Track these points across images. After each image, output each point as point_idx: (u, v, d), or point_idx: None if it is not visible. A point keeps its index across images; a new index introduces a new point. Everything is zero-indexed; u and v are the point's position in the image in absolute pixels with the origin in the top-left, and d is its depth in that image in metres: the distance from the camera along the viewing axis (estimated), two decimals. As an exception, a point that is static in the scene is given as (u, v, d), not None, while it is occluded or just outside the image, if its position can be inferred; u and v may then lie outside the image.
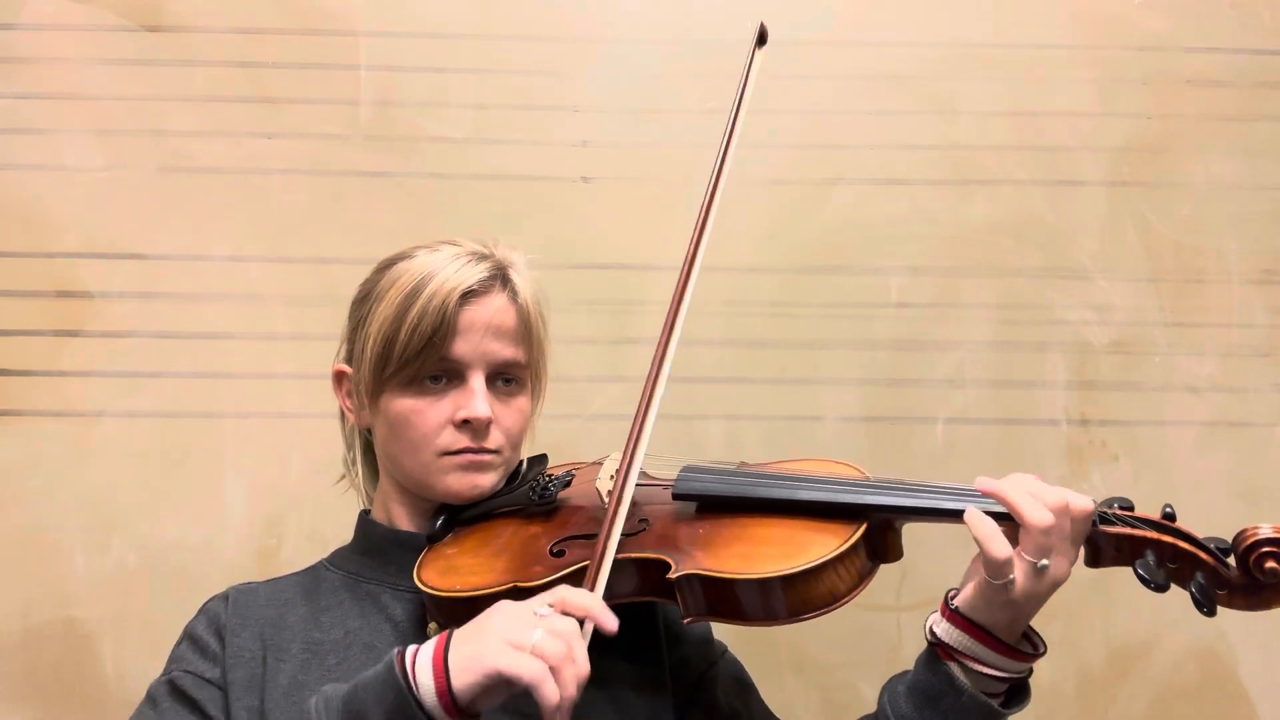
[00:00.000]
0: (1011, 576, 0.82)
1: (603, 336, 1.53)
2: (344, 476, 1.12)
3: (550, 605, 0.78)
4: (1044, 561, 0.81)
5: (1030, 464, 1.55)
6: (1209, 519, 1.50)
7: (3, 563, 1.47)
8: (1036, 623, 0.87)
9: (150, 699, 0.97)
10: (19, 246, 1.52)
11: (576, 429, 1.50)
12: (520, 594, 0.89)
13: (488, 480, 1.01)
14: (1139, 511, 0.85)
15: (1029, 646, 0.87)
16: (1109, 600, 1.51)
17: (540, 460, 1.08)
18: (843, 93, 1.59)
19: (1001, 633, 0.84)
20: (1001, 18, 1.61)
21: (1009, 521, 0.83)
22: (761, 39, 1.08)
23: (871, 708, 0.94)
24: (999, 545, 0.82)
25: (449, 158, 1.56)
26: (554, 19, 1.58)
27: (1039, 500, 0.82)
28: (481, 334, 0.99)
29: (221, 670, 0.96)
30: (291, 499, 1.50)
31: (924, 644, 0.89)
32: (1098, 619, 1.52)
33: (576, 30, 1.58)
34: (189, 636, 1.00)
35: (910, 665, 0.90)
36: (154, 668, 1.01)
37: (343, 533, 1.10)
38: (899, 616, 1.51)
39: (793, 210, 1.57)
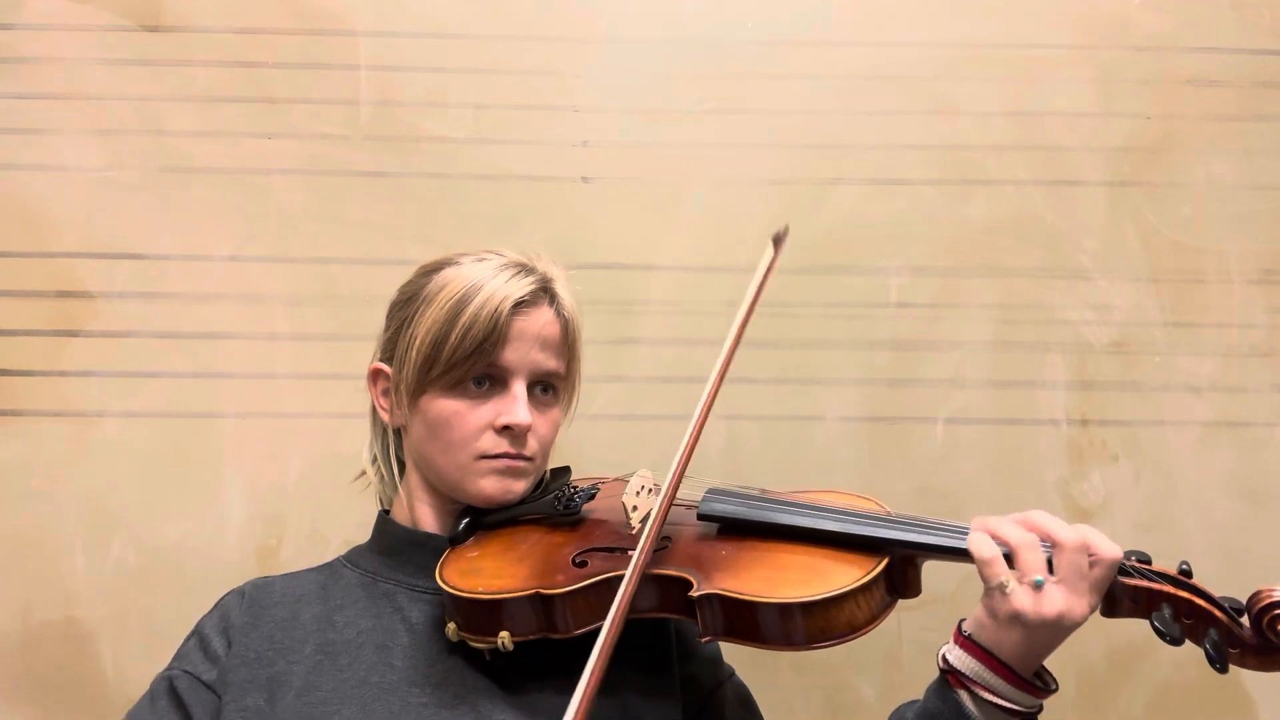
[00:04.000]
0: (1002, 580, 0.83)
1: (602, 336, 1.53)
2: (362, 474, 1.12)
3: None
4: (1039, 578, 0.82)
5: (1030, 464, 1.56)
6: (1209, 519, 1.53)
7: (3, 563, 1.47)
8: None
9: (150, 693, 0.99)
10: (19, 246, 1.52)
11: (576, 429, 1.48)
12: (542, 601, 0.90)
13: (520, 486, 1.02)
14: (1156, 565, 0.87)
15: (1040, 683, 0.88)
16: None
17: (564, 472, 1.09)
18: (843, 93, 1.59)
19: (1010, 659, 0.85)
20: (1001, 18, 1.61)
21: None
22: (778, 240, 1.08)
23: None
24: (984, 546, 0.84)
25: (449, 158, 1.56)
26: (554, 19, 1.58)
27: (1025, 524, 0.85)
28: (530, 344, 1.01)
29: (220, 671, 0.96)
30: (291, 499, 1.50)
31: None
32: (1098, 619, 1.51)
33: (576, 30, 1.58)
34: (198, 633, 1.02)
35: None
36: (154, 667, 1.02)
37: (343, 532, 1.10)
38: (899, 616, 1.49)
39: (793, 210, 1.57)
